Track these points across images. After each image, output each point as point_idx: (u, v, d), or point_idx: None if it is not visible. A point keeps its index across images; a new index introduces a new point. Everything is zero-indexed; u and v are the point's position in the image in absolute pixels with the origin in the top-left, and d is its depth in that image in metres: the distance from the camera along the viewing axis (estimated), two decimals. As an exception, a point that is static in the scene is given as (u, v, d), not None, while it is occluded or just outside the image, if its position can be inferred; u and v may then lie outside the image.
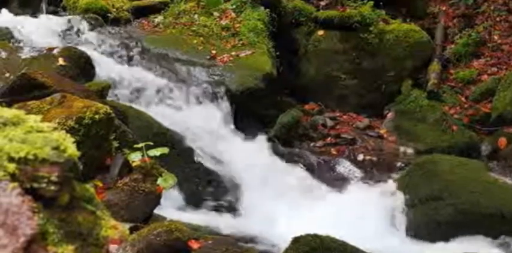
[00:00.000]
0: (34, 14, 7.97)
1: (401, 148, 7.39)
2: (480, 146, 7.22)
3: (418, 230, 5.52)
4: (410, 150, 7.34)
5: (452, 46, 8.46)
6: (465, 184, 5.54)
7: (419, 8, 9.22)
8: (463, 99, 7.83)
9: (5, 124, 0.87)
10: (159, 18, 8.08)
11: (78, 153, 0.89)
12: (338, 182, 6.66)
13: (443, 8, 9.05)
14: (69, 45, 6.56)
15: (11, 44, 6.38)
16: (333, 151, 7.30)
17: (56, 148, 0.86)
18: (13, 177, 0.80)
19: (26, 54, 5.95)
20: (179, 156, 5.44)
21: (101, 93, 4.52)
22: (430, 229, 5.43)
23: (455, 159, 6.15)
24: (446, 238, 5.29)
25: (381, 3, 8.43)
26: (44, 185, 0.81)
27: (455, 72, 8.15)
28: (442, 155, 6.39)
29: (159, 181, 3.05)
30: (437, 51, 8.34)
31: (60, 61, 5.60)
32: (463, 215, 5.30)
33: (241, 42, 7.61)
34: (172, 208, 4.93)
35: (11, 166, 0.80)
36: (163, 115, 5.89)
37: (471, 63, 8.20)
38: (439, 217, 5.40)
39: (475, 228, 5.25)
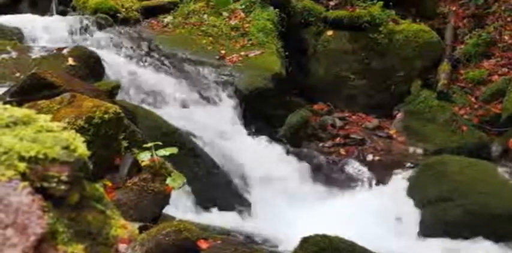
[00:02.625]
0: (44, 14, 8.00)
1: (411, 149, 7.36)
2: (490, 147, 7.19)
3: (427, 230, 5.51)
4: (419, 151, 7.32)
5: (462, 46, 8.42)
6: (474, 185, 5.52)
7: (429, 8, 9.18)
8: (473, 99, 7.79)
9: (15, 123, 0.87)
10: (168, 18, 8.09)
11: (88, 153, 0.89)
12: (347, 182, 6.65)
13: (453, 8, 9.01)
14: (79, 45, 6.58)
15: (21, 44, 6.41)
16: (342, 151, 7.29)
17: (66, 147, 0.86)
18: (23, 176, 0.80)
19: (35, 54, 5.98)
20: (188, 156, 5.44)
21: (111, 92, 4.53)
22: (439, 229, 5.41)
23: (464, 159, 6.12)
24: (455, 239, 5.27)
25: (391, 3, 8.40)
26: (54, 184, 0.82)
27: (465, 73, 8.11)
28: (451, 156, 6.37)
29: (168, 181, 3.06)
30: (447, 51, 8.30)
31: (70, 61, 5.62)
32: (472, 216, 5.28)
33: (250, 42, 7.61)
34: (181, 208, 4.93)
35: (22, 166, 0.80)
36: (172, 115, 5.90)
37: (481, 63, 8.16)
38: (449, 218, 5.38)
39: (484, 229, 5.23)
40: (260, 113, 7.13)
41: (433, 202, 5.56)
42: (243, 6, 8.16)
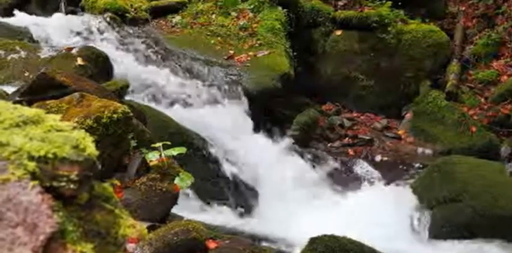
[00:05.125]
0: (53, 14, 8.03)
1: (419, 149, 7.34)
2: (499, 148, 7.15)
3: (436, 231, 5.48)
4: (428, 151, 7.29)
5: (472, 46, 8.39)
6: (484, 186, 5.49)
7: (438, 8, 9.16)
8: (482, 100, 7.76)
9: (25, 123, 0.88)
10: (177, 18, 8.10)
11: (97, 152, 0.89)
12: (355, 183, 6.64)
13: (463, 8, 8.98)
14: (88, 44, 6.60)
15: (30, 44, 6.43)
16: (350, 152, 7.28)
17: (76, 147, 0.86)
18: (33, 176, 0.80)
19: (45, 53, 6.00)
20: (196, 156, 5.45)
21: (119, 92, 4.55)
22: (449, 230, 5.39)
23: (473, 160, 6.09)
24: (464, 240, 5.25)
25: (399, 3, 8.38)
26: (63, 184, 0.82)
27: (474, 73, 8.07)
28: (460, 156, 6.34)
29: (176, 180, 3.06)
30: (456, 51, 8.27)
31: (79, 60, 5.64)
32: (482, 217, 5.26)
33: (258, 42, 7.60)
34: (189, 207, 4.93)
35: (31, 165, 0.81)
36: (180, 114, 5.91)
37: (490, 63, 8.13)
38: (458, 219, 5.36)
39: (493, 230, 5.21)
40: (268, 113, 7.13)
41: (442, 203, 5.53)
42: (252, 6, 8.16)
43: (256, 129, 6.74)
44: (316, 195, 6.17)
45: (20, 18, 7.38)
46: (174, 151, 3.16)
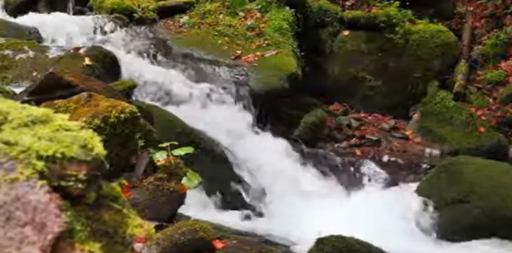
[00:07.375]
0: (61, 14, 8.05)
1: (427, 150, 7.32)
2: (508, 148, 7.12)
3: (443, 232, 5.47)
4: (435, 152, 7.27)
5: (480, 47, 8.35)
6: (491, 187, 5.47)
7: (446, 8, 9.12)
8: (490, 100, 7.72)
9: (34, 122, 0.88)
10: (184, 18, 8.11)
11: (105, 152, 0.89)
12: (362, 183, 6.62)
13: (471, 8, 8.94)
14: (95, 44, 6.61)
15: (38, 44, 6.45)
16: (358, 152, 7.26)
17: (84, 147, 0.86)
18: (41, 175, 0.80)
19: (53, 53, 6.01)
20: (203, 156, 5.45)
21: (127, 92, 4.55)
22: (455, 231, 5.37)
23: (481, 161, 6.07)
24: (472, 241, 5.23)
25: (407, 3, 8.36)
26: (71, 183, 0.82)
27: (482, 74, 8.04)
28: (467, 157, 6.32)
29: (184, 180, 3.06)
30: (464, 52, 8.24)
31: (87, 60, 5.66)
32: (489, 218, 5.24)
33: (266, 42, 7.60)
34: (196, 207, 4.94)
35: (40, 164, 0.81)
36: (188, 114, 5.91)
37: (499, 64, 8.09)
38: (465, 220, 5.34)
39: (501, 231, 5.19)
40: (276, 113, 7.13)
41: (450, 203, 5.52)
42: (259, 6, 8.16)
43: (263, 129, 6.74)
44: (323, 195, 6.17)
45: (28, 18, 7.40)
46: (182, 151, 3.17)
